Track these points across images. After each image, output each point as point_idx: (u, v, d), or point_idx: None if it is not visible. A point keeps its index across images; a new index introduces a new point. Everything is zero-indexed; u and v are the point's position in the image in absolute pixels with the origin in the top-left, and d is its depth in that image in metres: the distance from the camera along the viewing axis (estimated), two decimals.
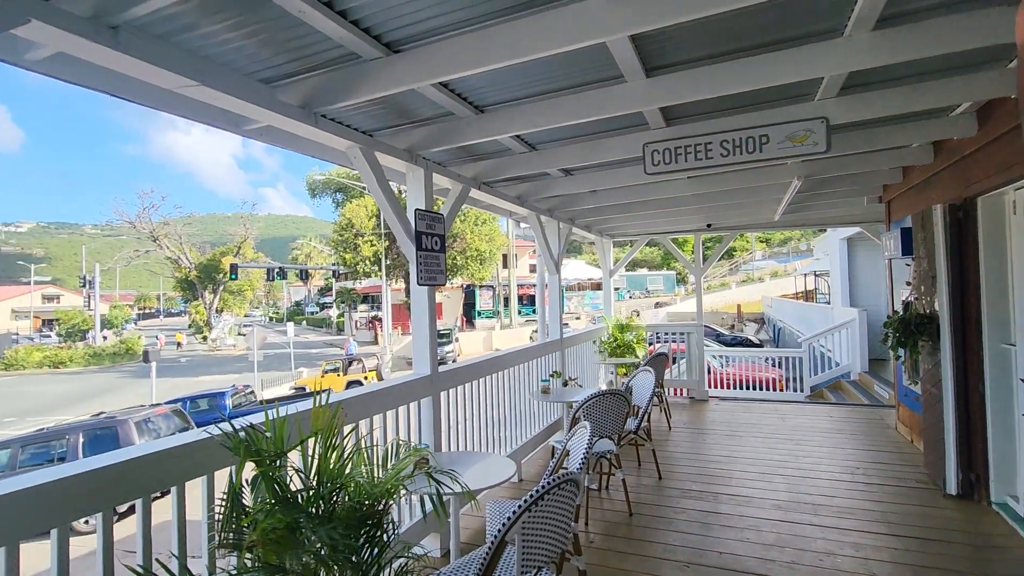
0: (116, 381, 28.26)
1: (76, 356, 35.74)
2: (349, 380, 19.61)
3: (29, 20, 1.70)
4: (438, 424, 3.71)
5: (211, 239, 63.18)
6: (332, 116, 3.01)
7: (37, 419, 18.95)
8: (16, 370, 31.84)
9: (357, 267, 30.28)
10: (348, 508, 1.88)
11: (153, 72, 2.11)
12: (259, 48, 2.36)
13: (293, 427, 1.91)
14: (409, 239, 3.53)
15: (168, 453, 2.01)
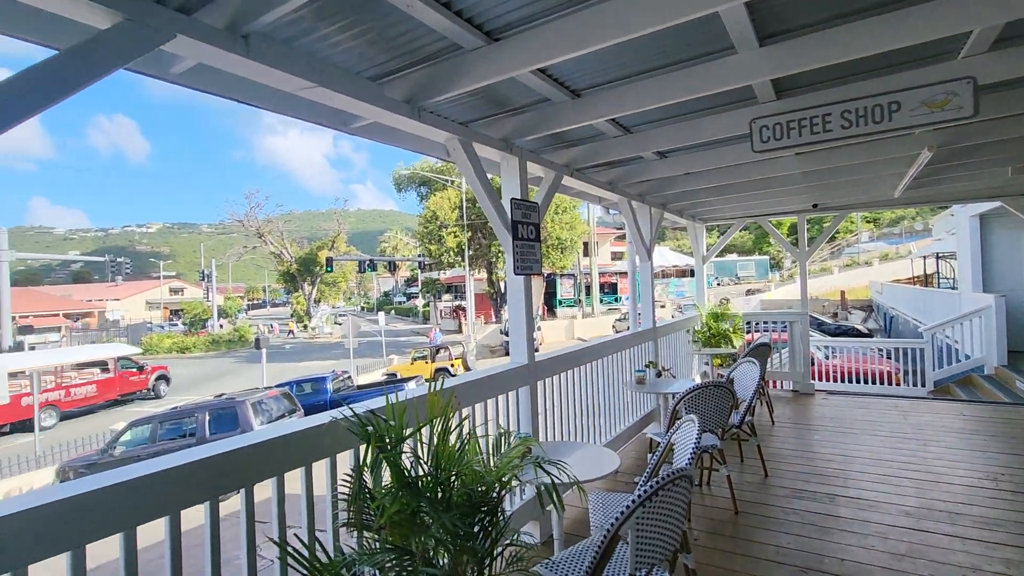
0: (232, 365, 31.19)
1: (198, 343, 39.82)
2: (436, 367, 20.30)
3: (176, 35, 1.85)
4: (535, 413, 3.72)
5: (308, 234, 67.85)
6: (433, 109, 3.06)
7: (172, 398, 21.36)
8: (151, 354, 36.02)
9: (441, 258, 31.18)
10: (463, 495, 1.91)
11: (277, 77, 2.24)
12: (368, 46, 2.44)
13: (410, 413, 1.97)
14: (506, 229, 3.54)
15: (300, 435, 2.15)
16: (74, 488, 1.54)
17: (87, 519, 1.53)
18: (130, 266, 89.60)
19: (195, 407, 12.53)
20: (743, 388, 4.72)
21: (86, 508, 1.53)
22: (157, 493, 1.69)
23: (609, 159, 4.37)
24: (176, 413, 12.36)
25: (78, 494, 1.52)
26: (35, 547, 1.43)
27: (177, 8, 1.91)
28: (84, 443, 13.52)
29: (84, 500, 1.52)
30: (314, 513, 2.20)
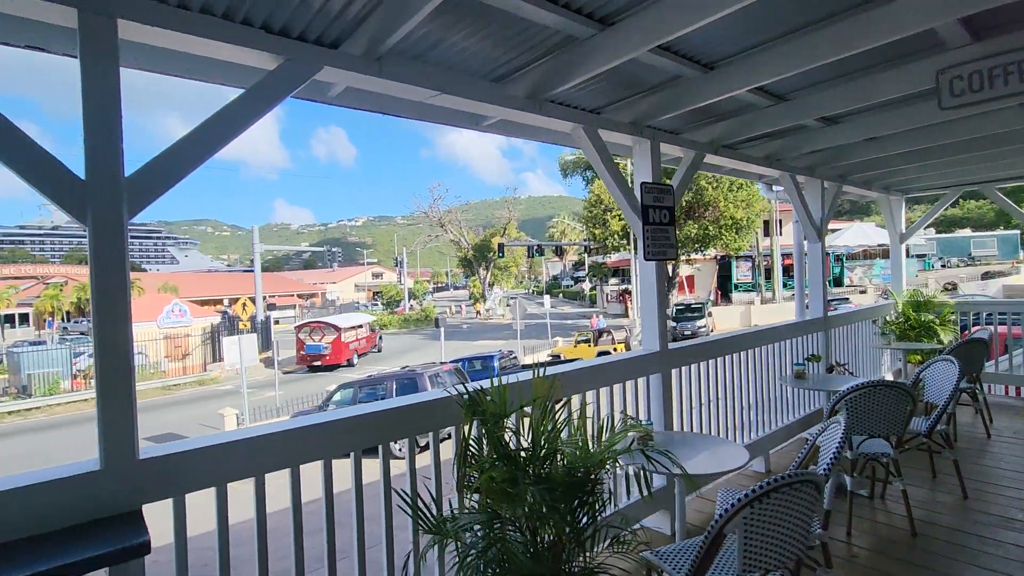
0: (418, 341, 35.08)
1: (393, 320, 45.53)
2: (599, 351, 20.41)
3: (323, 67, 2.22)
4: (668, 402, 3.62)
5: (483, 222, 72.77)
6: (557, 99, 3.13)
7: (372, 367, 24.90)
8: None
9: (607, 242, 30.94)
10: (562, 472, 2.02)
11: (407, 90, 2.54)
12: (490, 50, 2.61)
13: (515, 394, 2.12)
14: (635, 214, 3.48)
15: (427, 405, 2.46)
16: (292, 424, 2.11)
17: (300, 448, 2.08)
18: (342, 255, 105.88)
19: (385, 376, 14.51)
20: (936, 391, 3.97)
21: (298, 440, 2.08)
22: (341, 435, 2.18)
23: (762, 131, 3.98)
24: (371, 380, 14.45)
25: (295, 428, 2.08)
26: (271, 461, 2.01)
27: (329, 44, 2.29)
28: (311, 399, 16.55)
29: (297, 434, 2.09)
30: (440, 475, 2.50)
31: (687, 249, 28.73)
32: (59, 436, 16.18)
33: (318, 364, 25.11)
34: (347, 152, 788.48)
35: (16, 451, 14.84)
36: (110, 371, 1.65)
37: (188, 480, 1.82)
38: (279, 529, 2.11)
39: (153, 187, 1.77)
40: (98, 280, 1.66)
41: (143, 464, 1.71)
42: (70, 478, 1.61)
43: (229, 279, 67.98)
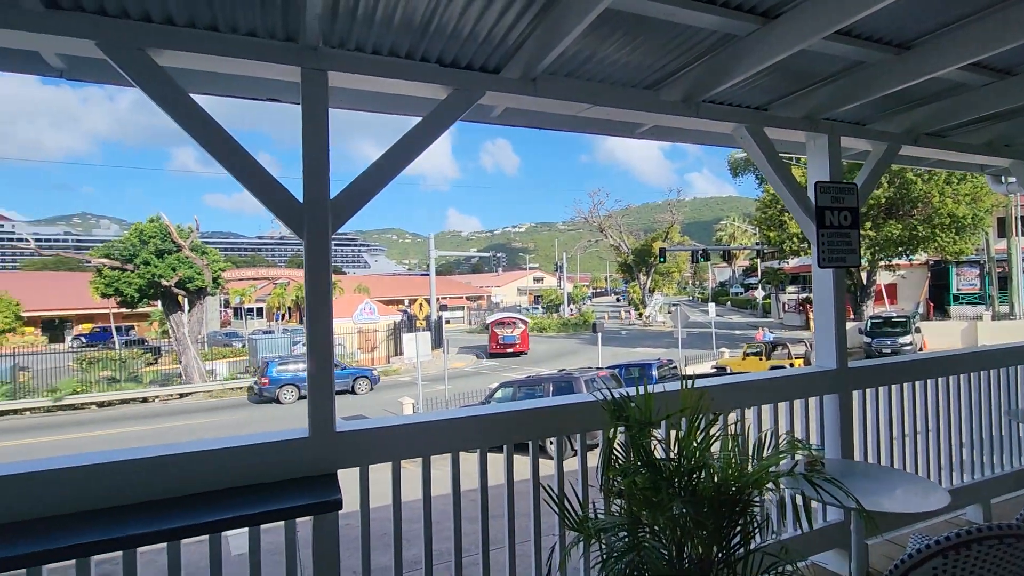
0: (575, 345, 35.42)
1: (552, 324, 46.64)
2: (772, 365, 18.56)
3: (485, 92, 2.45)
4: (846, 428, 3.22)
5: (644, 226, 70.81)
6: (715, 100, 3.01)
7: (531, 368, 25.86)
8: None
9: (783, 245, 27.98)
10: (710, 489, 1.95)
11: (560, 105, 2.67)
12: (642, 58, 2.62)
13: (661, 404, 2.10)
14: (808, 217, 3.17)
15: (575, 407, 2.55)
16: (455, 413, 2.37)
17: (460, 435, 2.34)
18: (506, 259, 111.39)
19: (543, 378, 14.98)
20: None
21: (459, 428, 2.35)
22: (497, 428, 2.42)
23: (979, 114, 3.34)
24: (530, 381, 15.03)
25: (457, 417, 2.36)
26: (436, 445, 2.29)
27: (491, 71, 2.52)
28: (475, 395, 17.80)
29: (459, 423, 2.37)
30: (587, 477, 2.56)
31: (887, 254, 24.71)
32: (282, 408, 19.64)
33: (510, 351, 30.97)
34: (511, 162, 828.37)
35: (254, 417, 18.42)
36: (317, 357, 2.04)
37: (371, 453, 2.15)
38: (442, 512, 2.37)
39: (352, 205, 2.14)
40: (310, 282, 2.06)
41: (339, 436, 2.07)
42: (288, 441, 2.02)
43: (409, 282, 75.88)
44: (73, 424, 18.55)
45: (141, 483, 1.84)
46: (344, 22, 2.11)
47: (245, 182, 2.00)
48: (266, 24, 2.09)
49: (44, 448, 15.36)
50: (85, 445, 15.62)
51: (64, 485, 1.77)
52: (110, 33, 1.89)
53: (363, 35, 2.21)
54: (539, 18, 2.19)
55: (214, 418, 18.78)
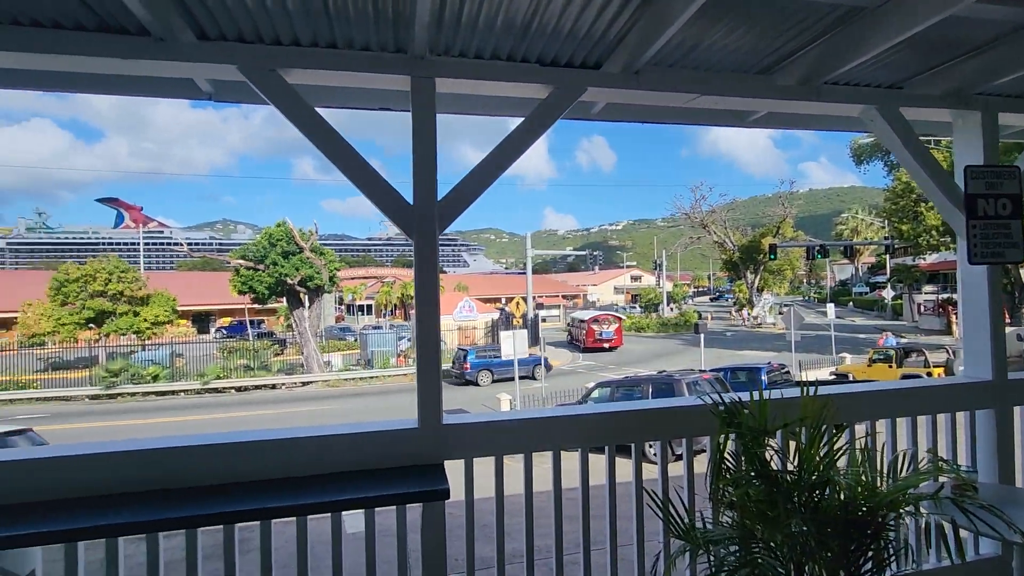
0: (675, 346, 34.04)
1: (651, 324, 45.20)
2: (904, 373, 16.57)
3: (586, 89, 2.43)
4: (1005, 449, 2.79)
5: (751, 221, 66.32)
6: (838, 80, 2.74)
7: (629, 368, 25.28)
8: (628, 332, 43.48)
9: (919, 240, 24.89)
10: (836, 506, 1.79)
11: (665, 97, 2.58)
12: (754, 42, 2.45)
13: (777, 411, 1.96)
14: (954, 206, 2.79)
15: (684, 411, 2.45)
16: (556, 412, 2.39)
17: (562, 434, 2.34)
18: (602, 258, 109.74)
19: (641, 379, 14.56)
20: None
21: (561, 427, 2.37)
22: (599, 428, 2.40)
23: None
24: (628, 381, 14.68)
25: (559, 416, 2.37)
26: (537, 442, 2.32)
27: (591, 66, 2.49)
28: (571, 394, 17.75)
29: (561, 421, 2.40)
30: (694, 483, 2.45)
31: None
32: (387, 399, 20.90)
33: (606, 346, 32.56)
34: (607, 158, 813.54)
35: (367, 406, 19.79)
36: (426, 352, 2.14)
37: (475, 447, 2.22)
38: (540, 508, 2.38)
39: (458, 207, 2.22)
40: (419, 281, 2.16)
41: (445, 428, 2.16)
42: (399, 431, 2.14)
43: (506, 280, 77.26)
44: (217, 405, 21.06)
45: (276, 462, 2.04)
46: (449, 29, 2.19)
47: (362, 187, 2.14)
48: (378, 38, 2.22)
49: (198, 425, 17.60)
50: (230, 424, 17.68)
51: (217, 458, 2.01)
52: (248, 57, 2.11)
53: (466, 40, 2.28)
54: (641, 9, 2.12)
55: (336, 405, 20.40)
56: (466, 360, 22.92)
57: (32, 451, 2.09)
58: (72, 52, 2.03)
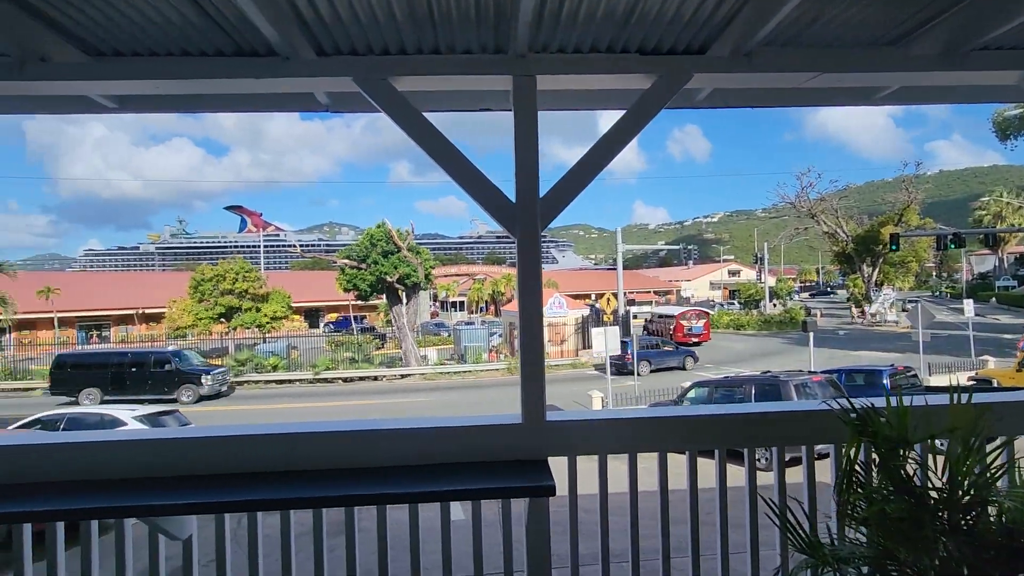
0: (779, 345, 31.83)
1: (751, 321, 42.57)
2: None
3: (692, 75, 2.32)
4: None
5: (867, 209, 60.12)
6: (988, 45, 2.39)
7: (727, 368, 24.02)
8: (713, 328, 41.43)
9: None
10: (995, 531, 1.58)
11: (778, 78, 2.40)
12: (883, 10, 2.20)
13: (918, 419, 1.75)
14: None
15: (803, 415, 2.28)
16: (662, 412, 2.33)
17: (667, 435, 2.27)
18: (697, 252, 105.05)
19: (743, 379, 13.76)
20: None
21: (667, 427, 2.28)
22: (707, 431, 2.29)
23: None
24: (728, 381, 13.95)
25: (665, 416, 2.29)
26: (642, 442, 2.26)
27: (696, 51, 2.38)
28: (664, 392, 17.21)
29: (667, 422, 2.30)
30: (815, 495, 2.28)
31: None
32: (480, 393, 21.47)
33: (696, 341, 32.80)
34: (702, 148, 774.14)
35: (462, 399, 20.49)
36: (529, 348, 2.16)
37: (579, 445, 2.21)
38: (643, 509, 2.32)
39: (559, 203, 2.21)
40: (522, 278, 2.19)
41: (548, 425, 2.17)
42: (503, 426, 2.18)
43: (595, 276, 76.28)
44: (327, 394, 22.81)
45: (390, 451, 2.16)
46: (549, 25, 2.18)
47: (467, 187, 2.20)
48: (480, 40, 2.27)
49: (313, 412, 19.19)
50: (341, 412, 19.10)
51: (339, 445, 2.17)
52: (362, 68, 2.24)
53: (566, 35, 2.26)
54: None
55: (433, 397, 21.33)
56: (627, 351, 23.41)
57: (186, 431, 2.38)
58: (212, 76, 2.27)
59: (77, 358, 22.88)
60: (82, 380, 20.94)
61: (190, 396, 20.97)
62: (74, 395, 20.82)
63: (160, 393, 20.71)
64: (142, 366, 21.54)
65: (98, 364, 21.77)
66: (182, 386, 21.04)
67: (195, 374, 21.59)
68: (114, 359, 22.10)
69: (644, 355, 24.20)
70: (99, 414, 11.60)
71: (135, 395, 20.15)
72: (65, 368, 21.61)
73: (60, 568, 2.07)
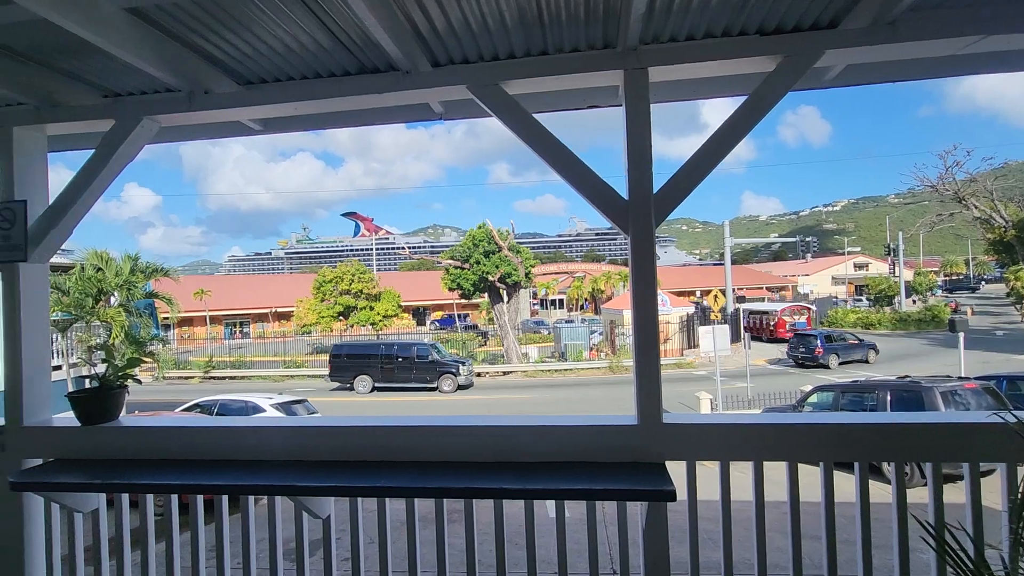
0: (918, 346, 28.25)
1: (883, 319, 38.20)
2: None
3: (823, 52, 2.13)
4: None
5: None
6: None
7: (853, 371, 21.76)
8: (835, 326, 37.76)
9: None
10: None
11: (929, 47, 2.12)
12: None
13: None
14: None
15: (964, 428, 2.01)
16: (790, 418, 2.16)
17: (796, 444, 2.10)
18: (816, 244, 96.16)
19: (876, 384, 12.37)
20: None
21: (796, 435, 2.11)
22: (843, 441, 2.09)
23: None
24: (857, 386, 12.61)
25: (795, 423, 2.11)
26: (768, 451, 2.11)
27: (827, 26, 2.18)
28: (780, 396, 15.99)
29: (796, 429, 2.12)
30: (981, 519, 2.00)
31: None
32: (582, 391, 21.34)
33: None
34: (819, 130, 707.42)
35: (564, 397, 20.53)
36: (644, 347, 2.11)
37: (699, 449, 2.12)
38: (774, 523, 2.17)
39: (674, 199, 2.14)
40: (636, 276, 2.14)
41: (666, 427, 2.10)
42: (618, 426, 2.15)
43: (700, 272, 72.72)
44: (435, 388, 23.96)
45: (505, 446, 2.22)
46: (660, 15, 2.11)
47: (577, 186, 2.20)
48: (587, 37, 2.25)
49: (423, 405, 20.26)
50: (451, 406, 19.99)
51: (456, 439, 2.27)
52: (475, 76, 2.32)
53: (678, 23, 2.18)
54: None
55: (536, 394, 21.61)
56: (820, 344, 24.50)
57: (324, 419, 2.61)
58: (341, 95, 2.46)
59: (350, 348, 25.01)
60: (355, 368, 23.38)
61: (450, 385, 22.55)
62: (349, 382, 23.35)
63: (423, 382, 22.74)
64: (407, 357, 23.26)
65: (368, 355, 23.75)
66: (442, 376, 22.68)
67: (454, 365, 23.14)
68: (382, 350, 23.84)
69: (831, 348, 24.49)
70: (243, 400, 13.12)
71: (402, 383, 22.76)
72: (341, 357, 24.03)
73: (225, 530, 2.37)
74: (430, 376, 22.78)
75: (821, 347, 24.11)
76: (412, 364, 23.07)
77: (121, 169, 2.53)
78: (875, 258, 77.41)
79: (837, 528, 2.07)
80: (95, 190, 2.48)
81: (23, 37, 2.22)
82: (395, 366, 23.19)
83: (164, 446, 2.42)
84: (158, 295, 19.73)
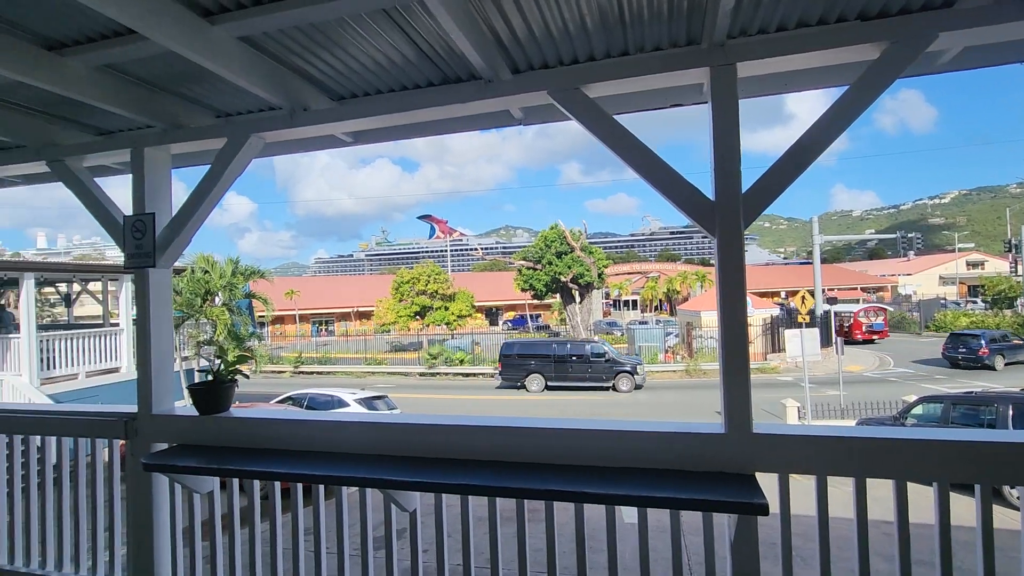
0: None
1: (1003, 324, 34.16)
2: None
3: (938, 34, 1.95)
4: None
5: None
6: None
7: (962, 381, 19.65)
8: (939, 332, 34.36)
9: None
10: None
11: None
12: None
13: None
14: None
15: None
16: (900, 433, 1.98)
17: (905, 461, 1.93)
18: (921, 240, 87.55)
19: (995, 396, 11.11)
20: None
21: (903, 451, 1.94)
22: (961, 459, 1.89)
23: None
24: (972, 398, 11.39)
25: (903, 438, 1.94)
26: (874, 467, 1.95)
27: (941, 4, 2.00)
28: (878, 406, 14.74)
29: (903, 445, 1.94)
30: None
31: None
32: (657, 395, 20.75)
33: (876, 337, 34.17)
34: (923, 116, 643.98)
35: (638, 400, 20.10)
36: (732, 353, 2.03)
37: (793, 462, 2.01)
38: (876, 545, 2.02)
39: (764, 199, 2.04)
40: (723, 279, 2.07)
41: (756, 437, 2.01)
42: (705, 435, 2.08)
43: (786, 271, 68.52)
44: (506, 388, 24.25)
45: (587, 450, 2.21)
46: (749, 7, 2.02)
47: (660, 187, 2.15)
48: (670, 35, 2.20)
49: (497, 404, 20.58)
50: (522, 405, 20.19)
51: (539, 440, 2.29)
52: (555, 81, 2.33)
53: (768, 15, 2.08)
54: None
55: (611, 397, 21.32)
56: (984, 344, 23.36)
57: (409, 417, 2.73)
58: (426, 106, 2.55)
59: (521, 347, 24.15)
60: (527, 367, 22.79)
61: (627, 385, 21.51)
62: (520, 381, 22.83)
63: (599, 381, 21.89)
64: (581, 355, 22.42)
65: (540, 354, 23.02)
66: (619, 375, 21.74)
67: (632, 364, 22.25)
68: (554, 348, 23.14)
69: (998, 348, 23.40)
70: (329, 395, 13.94)
71: (576, 383, 22.10)
72: (512, 356, 23.34)
73: (322, 515, 2.54)
74: (606, 375, 21.89)
75: (986, 347, 22.53)
76: (587, 362, 22.25)
77: (232, 182, 2.77)
78: (992, 255, 69.33)
79: (975, 560, 1.89)
80: (211, 202, 2.74)
81: (153, 68, 2.50)
82: (568, 364, 22.44)
83: (268, 435, 2.63)
84: (255, 295, 21.37)
